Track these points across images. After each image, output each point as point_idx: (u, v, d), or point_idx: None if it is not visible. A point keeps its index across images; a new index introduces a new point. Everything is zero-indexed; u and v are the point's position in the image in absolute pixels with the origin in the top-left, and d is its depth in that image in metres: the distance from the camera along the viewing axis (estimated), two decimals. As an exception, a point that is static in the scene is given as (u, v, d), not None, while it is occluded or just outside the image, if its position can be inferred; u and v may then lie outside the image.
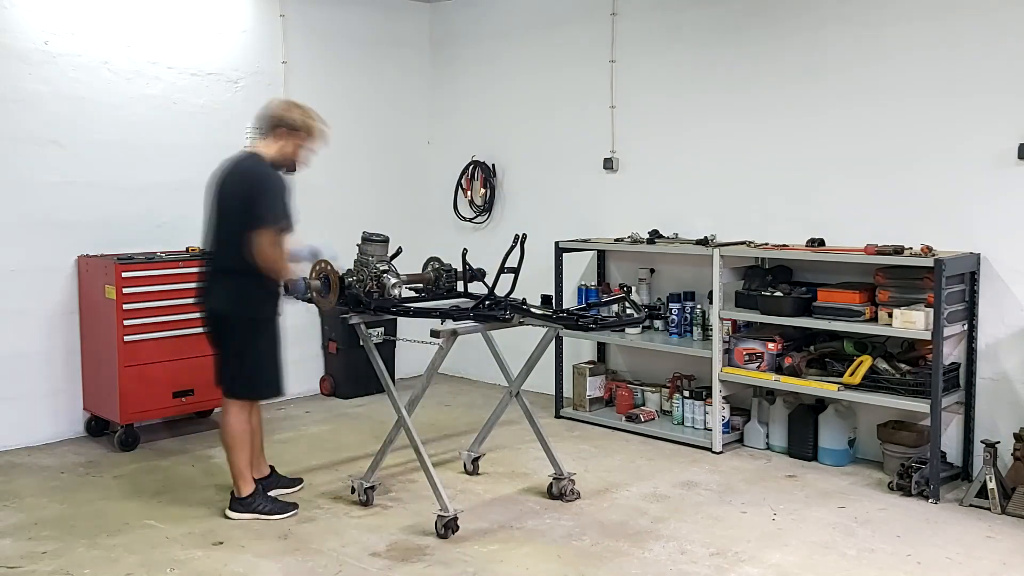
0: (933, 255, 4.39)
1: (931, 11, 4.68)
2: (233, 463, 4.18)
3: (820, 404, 5.00)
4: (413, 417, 4.16)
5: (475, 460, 4.79)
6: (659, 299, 5.76)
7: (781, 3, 5.24)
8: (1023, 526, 4.06)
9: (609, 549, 3.81)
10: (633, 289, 5.34)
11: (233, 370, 4.14)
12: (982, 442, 4.31)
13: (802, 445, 4.97)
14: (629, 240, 5.68)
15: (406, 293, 4.31)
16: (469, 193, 6.92)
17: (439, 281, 4.56)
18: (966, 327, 4.60)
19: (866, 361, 4.66)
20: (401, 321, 5.96)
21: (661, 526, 4.05)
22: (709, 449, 5.14)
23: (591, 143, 6.17)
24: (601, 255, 6.14)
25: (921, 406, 4.42)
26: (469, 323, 3.97)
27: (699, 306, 5.52)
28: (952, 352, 4.63)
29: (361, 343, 4.35)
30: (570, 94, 6.31)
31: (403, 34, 7.06)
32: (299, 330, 6.44)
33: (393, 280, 4.17)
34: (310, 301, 4.28)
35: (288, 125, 4.15)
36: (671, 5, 5.74)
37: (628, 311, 4.25)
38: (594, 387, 5.85)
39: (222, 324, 4.14)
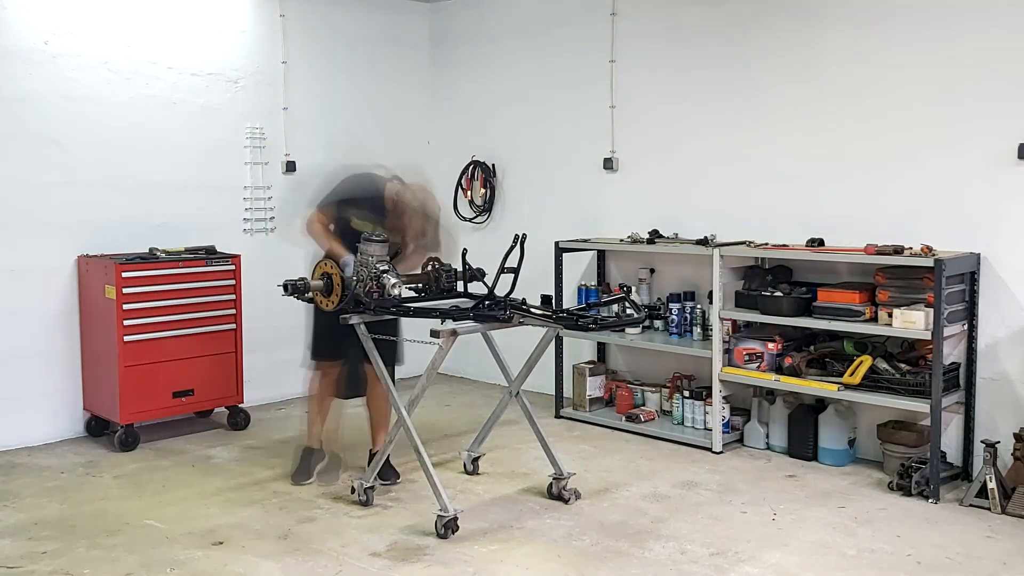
0: (933, 255, 4.39)
1: (931, 10, 4.68)
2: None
3: (820, 404, 5.00)
4: (413, 417, 4.16)
5: (475, 460, 4.79)
6: (659, 299, 5.76)
7: (781, 3, 5.24)
8: (1023, 526, 4.06)
9: (609, 549, 3.81)
10: (633, 289, 5.34)
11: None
12: (982, 442, 4.31)
13: (802, 445, 4.97)
14: (629, 240, 5.68)
15: (406, 293, 4.31)
16: (469, 193, 6.92)
17: (439, 281, 4.56)
18: (966, 327, 4.60)
19: (866, 361, 4.66)
20: (401, 321, 5.95)
21: (661, 526, 4.05)
22: (709, 449, 5.14)
23: (591, 143, 6.17)
24: (601, 255, 6.14)
25: (921, 406, 4.42)
26: (469, 323, 3.96)
27: (699, 306, 5.52)
28: (952, 352, 4.63)
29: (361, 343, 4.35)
30: (570, 94, 6.31)
31: (403, 34, 7.06)
32: (299, 330, 6.44)
33: (393, 280, 4.17)
34: (310, 301, 4.30)
35: None
36: (671, 5, 5.74)
37: (628, 311, 4.25)
38: (594, 387, 5.85)
39: None
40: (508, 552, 3.79)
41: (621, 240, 5.74)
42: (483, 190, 6.83)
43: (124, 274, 5.13)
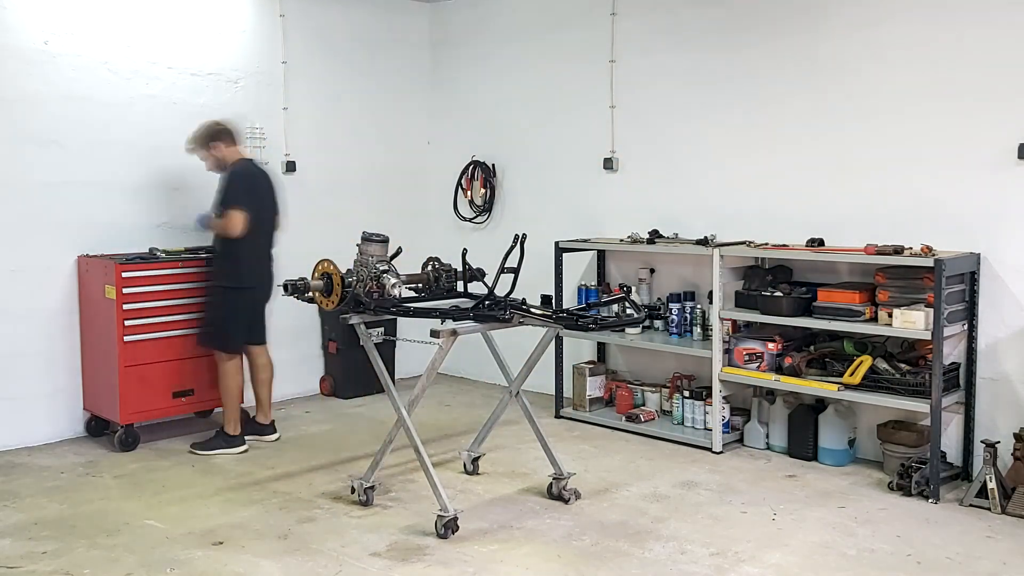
0: (933, 255, 4.39)
1: (930, 11, 4.68)
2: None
3: (820, 404, 5.01)
4: (413, 417, 4.16)
5: (475, 460, 4.79)
6: (659, 299, 5.76)
7: (781, 4, 5.24)
8: (1023, 526, 4.06)
9: (609, 549, 3.81)
10: (633, 289, 5.34)
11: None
12: (982, 442, 4.31)
13: (802, 445, 4.97)
14: (629, 240, 5.68)
15: (406, 293, 4.31)
16: (469, 193, 6.92)
17: (439, 281, 4.57)
18: (966, 327, 4.60)
19: (866, 361, 4.66)
20: (401, 321, 5.96)
21: (661, 526, 4.05)
22: (709, 449, 5.14)
23: (591, 143, 6.17)
24: (601, 255, 6.14)
25: (921, 406, 4.42)
26: (469, 323, 3.97)
27: (699, 306, 5.52)
28: (952, 352, 4.63)
29: (361, 343, 4.36)
30: (570, 94, 6.31)
31: (403, 34, 7.06)
32: (299, 330, 6.45)
33: (393, 280, 4.17)
34: (311, 301, 4.31)
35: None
36: (671, 5, 5.74)
37: (628, 311, 4.25)
38: (594, 387, 5.85)
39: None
40: (508, 552, 3.79)
41: (621, 240, 5.74)
42: (483, 190, 6.83)
43: (124, 274, 5.13)
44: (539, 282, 5.30)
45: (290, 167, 6.34)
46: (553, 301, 5.09)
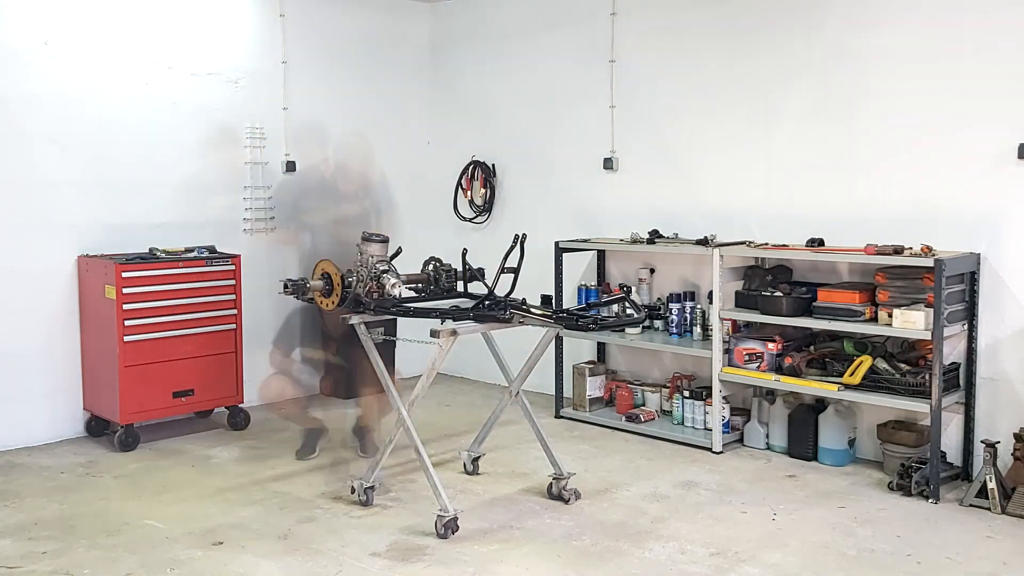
0: (933, 255, 4.39)
1: (931, 11, 4.68)
2: None
3: (820, 404, 5.01)
4: (413, 417, 4.16)
5: (475, 460, 4.79)
6: (659, 299, 5.76)
7: (781, 3, 5.24)
8: (1023, 526, 4.06)
9: (609, 549, 3.81)
10: (633, 289, 5.34)
11: None
12: (982, 442, 4.31)
13: (802, 445, 4.97)
14: (629, 240, 5.68)
15: (406, 293, 4.31)
16: (469, 193, 6.92)
17: (439, 281, 4.57)
18: (966, 327, 4.60)
19: (866, 361, 4.66)
20: (401, 321, 5.95)
21: (661, 526, 4.05)
22: (709, 449, 5.14)
23: (591, 143, 6.17)
24: (601, 255, 6.14)
25: (921, 406, 4.42)
26: (469, 323, 3.97)
27: (699, 306, 5.52)
28: (952, 352, 4.63)
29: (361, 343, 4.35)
30: (570, 94, 6.31)
31: (403, 34, 7.06)
32: (299, 330, 6.43)
33: (393, 280, 4.17)
34: (311, 301, 4.30)
35: None
36: (671, 5, 5.74)
37: (628, 311, 4.25)
38: (594, 387, 5.85)
39: None
40: (508, 552, 3.79)
41: (621, 240, 5.75)
42: (483, 190, 6.83)
43: (124, 274, 5.13)
44: (539, 282, 5.30)
45: (290, 167, 6.34)
46: (553, 301, 5.09)
